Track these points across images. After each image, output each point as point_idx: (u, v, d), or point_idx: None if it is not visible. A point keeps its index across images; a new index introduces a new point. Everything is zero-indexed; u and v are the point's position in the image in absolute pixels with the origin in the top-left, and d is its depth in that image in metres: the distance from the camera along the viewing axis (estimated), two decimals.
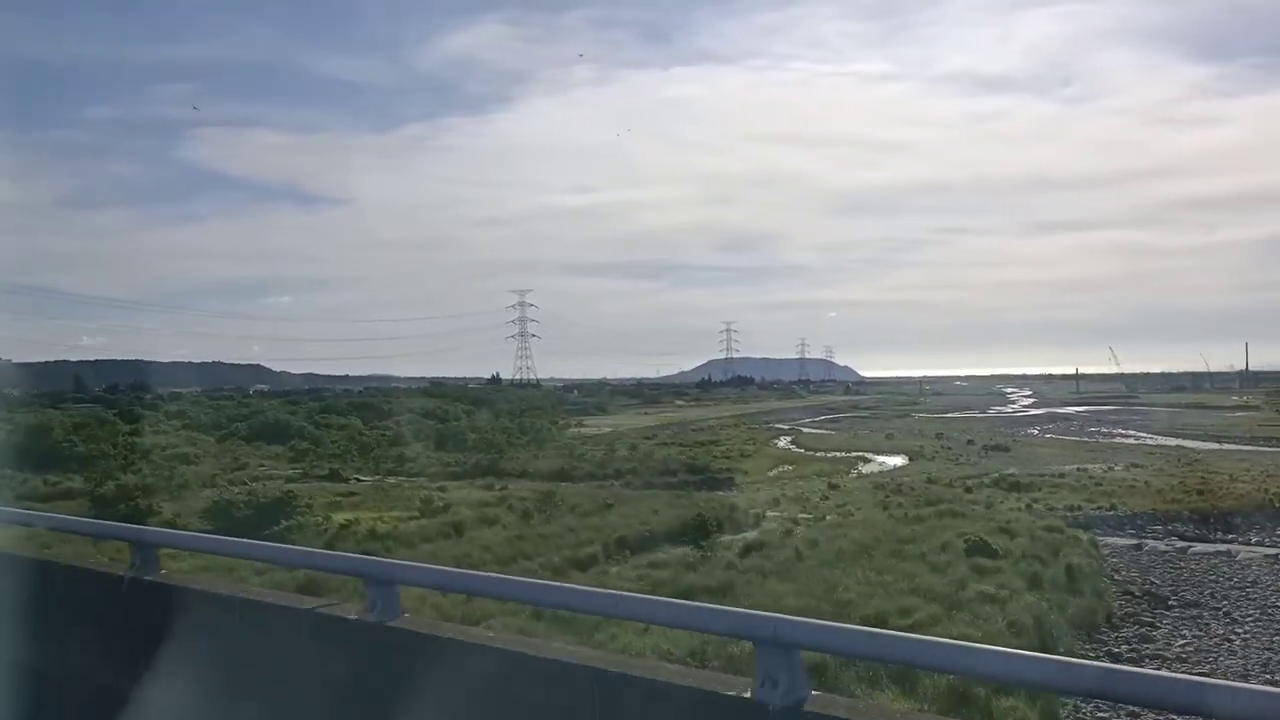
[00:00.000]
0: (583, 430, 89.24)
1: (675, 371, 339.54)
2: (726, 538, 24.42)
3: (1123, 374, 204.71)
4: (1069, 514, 31.28)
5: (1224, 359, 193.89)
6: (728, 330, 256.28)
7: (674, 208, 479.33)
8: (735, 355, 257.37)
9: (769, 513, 31.59)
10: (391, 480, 43.36)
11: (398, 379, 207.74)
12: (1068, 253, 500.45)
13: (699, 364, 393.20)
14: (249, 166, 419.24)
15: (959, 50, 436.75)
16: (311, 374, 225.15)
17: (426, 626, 6.06)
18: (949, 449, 71.11)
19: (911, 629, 13.18)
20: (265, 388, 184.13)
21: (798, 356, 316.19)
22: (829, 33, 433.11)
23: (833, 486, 47.98)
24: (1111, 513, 32.29)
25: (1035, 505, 33.84)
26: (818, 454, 71.64)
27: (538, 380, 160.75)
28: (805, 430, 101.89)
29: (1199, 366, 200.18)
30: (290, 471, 49.35)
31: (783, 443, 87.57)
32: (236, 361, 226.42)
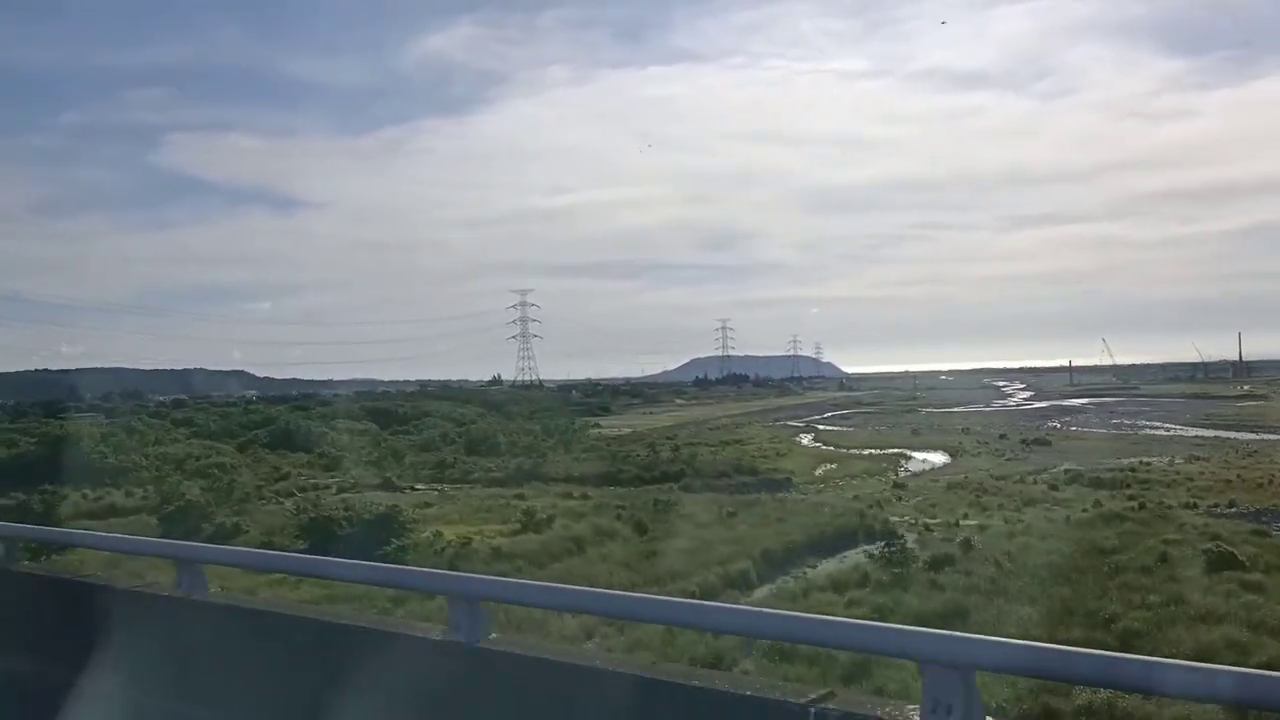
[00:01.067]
0: (602, 431, 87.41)
1: (660, 371, 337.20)
2: (866, 548, 22.79)
3: (1116, 366, 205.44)
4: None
5: (1205, 349, 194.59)
6: (723, 328, 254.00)
7: (653, 207, 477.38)
8: (731, 353, 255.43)
9: (891, 517, 29.91)
10: (450, 488, 41.48)
11: (383, 383, 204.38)
12: (1046, 246, 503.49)
13: (684, 362, 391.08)
14: (225, 171, 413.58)
15: (936, 47, 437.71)
16: (294, 379, 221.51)
17: (519, 647, 5.78)
18: (985, 444, 70.07)
19: None
20: (254, 394, 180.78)
21: (784, 354, 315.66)
22: (807, 30, 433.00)
23: (898, 486, 46.61)
24: (1233, 509, 30.95)
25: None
26: (853, 452, 70.29)
27: (540, 381, 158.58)
28: (822, 428, 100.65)
29: (1187, 357, 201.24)
30: (333, 480, 47.40)
31: (806, 440, 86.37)
32: (219, 368, 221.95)
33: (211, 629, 6.79)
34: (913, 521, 29.10)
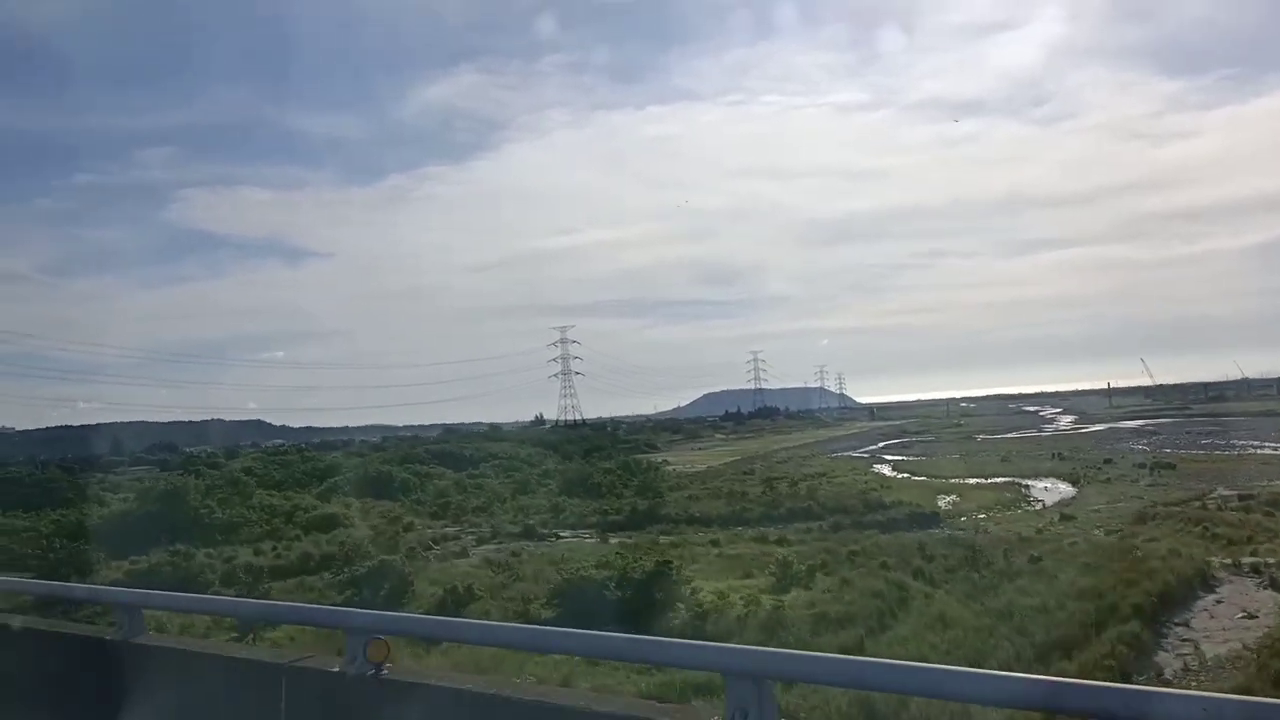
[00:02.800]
0: (672, 469, 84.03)
1: (673, 407, 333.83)
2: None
3: (1151, 386, 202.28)
4: None
5: (1221, 368, 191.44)
6: (755, 360, 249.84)
7: (654, 245, 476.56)
8: (763, 385, 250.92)
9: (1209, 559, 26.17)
10: (594, 534, 38.05)
11: (398, 428, 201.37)
12: (1051, 271, 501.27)
13: (696, 397, 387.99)
14: (235, 225, 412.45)
15: (931, 77, 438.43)
16: (309, 426, 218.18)
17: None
18: (1096, 470, 66.76)
19: None
20: (281, 442, 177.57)
21: (795, 386, 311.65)
22: (802, 65, 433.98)
23: (1065, 519, 43.19)
24: None
25: None
26: (961, 482, 66.77)
27: (583, 419, 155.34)
28: (892, 458, 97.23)
29: (1220, 375, 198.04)
30: (457, 529, 44.04)
31: (887, 471, 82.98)
32: (236, 418, 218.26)
33: None
34: (1232, 563, 25.54)
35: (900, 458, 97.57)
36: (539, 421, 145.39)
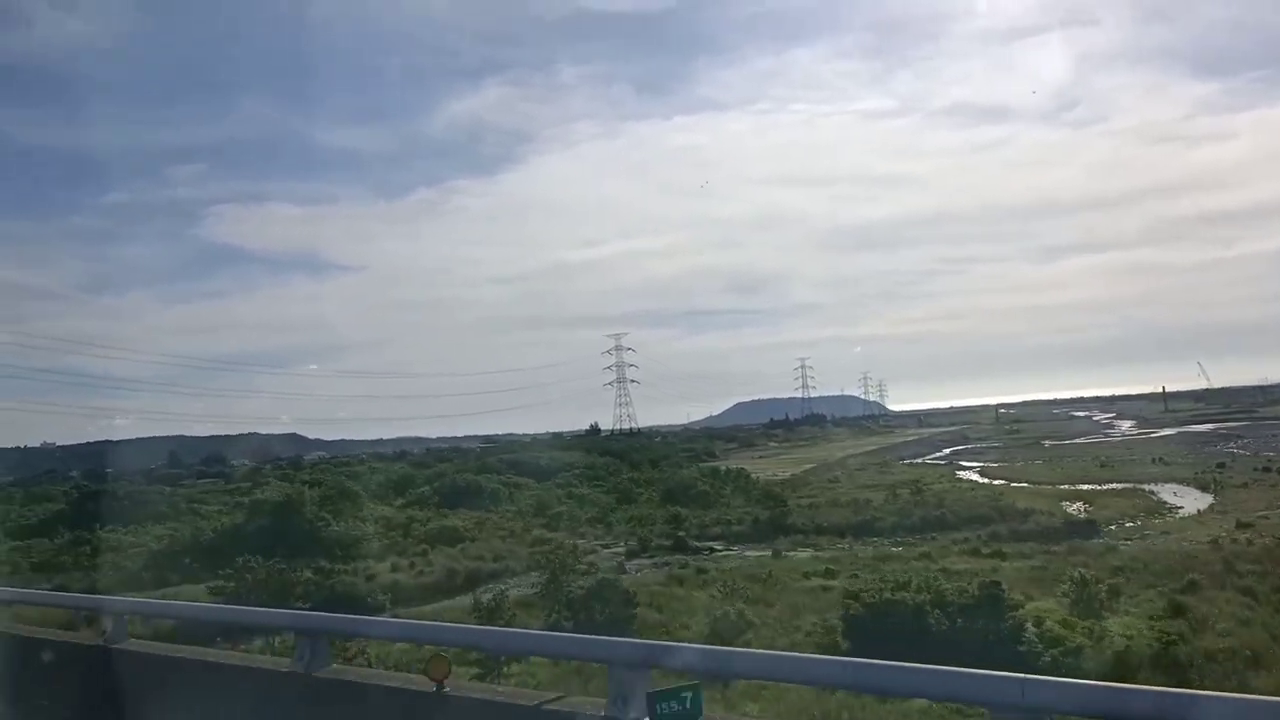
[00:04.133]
0: (757, 477, 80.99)
1: (704, 416, 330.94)
2: None
3: (1208, 390, 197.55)
4: None
5: (1257, 372, 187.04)
6: (802, 366, 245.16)
7: (682, 255, 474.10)
8: (800, 393, 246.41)
9: None
10: (751, 549, 35.18)
11: (430, 440, 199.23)
12: (1082, 275, 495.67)
13: (728, 406, 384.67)
14: (265, 240, 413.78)
15: (958, 82, 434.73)
16: (343, 439, 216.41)
17: None
18: (1214, 474, 63.30)
19: None
20: (322, 454, 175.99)
21: (830, 394, 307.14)
22: (827, 73, 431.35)
23: (1242, 525, 39.97)
24: None
25: None
26: (1087, 488, 63.11)
27: (638, 428, 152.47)
28: (972, 463, 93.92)
29: (1259, 379, 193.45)
30: (587, 542, 41.27)
31: (977, 477, 79.81)
32: (272, 431, 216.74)
33: None
34: None
35: (980, 463, 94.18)
36: (594, 430, 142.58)
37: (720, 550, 38.34)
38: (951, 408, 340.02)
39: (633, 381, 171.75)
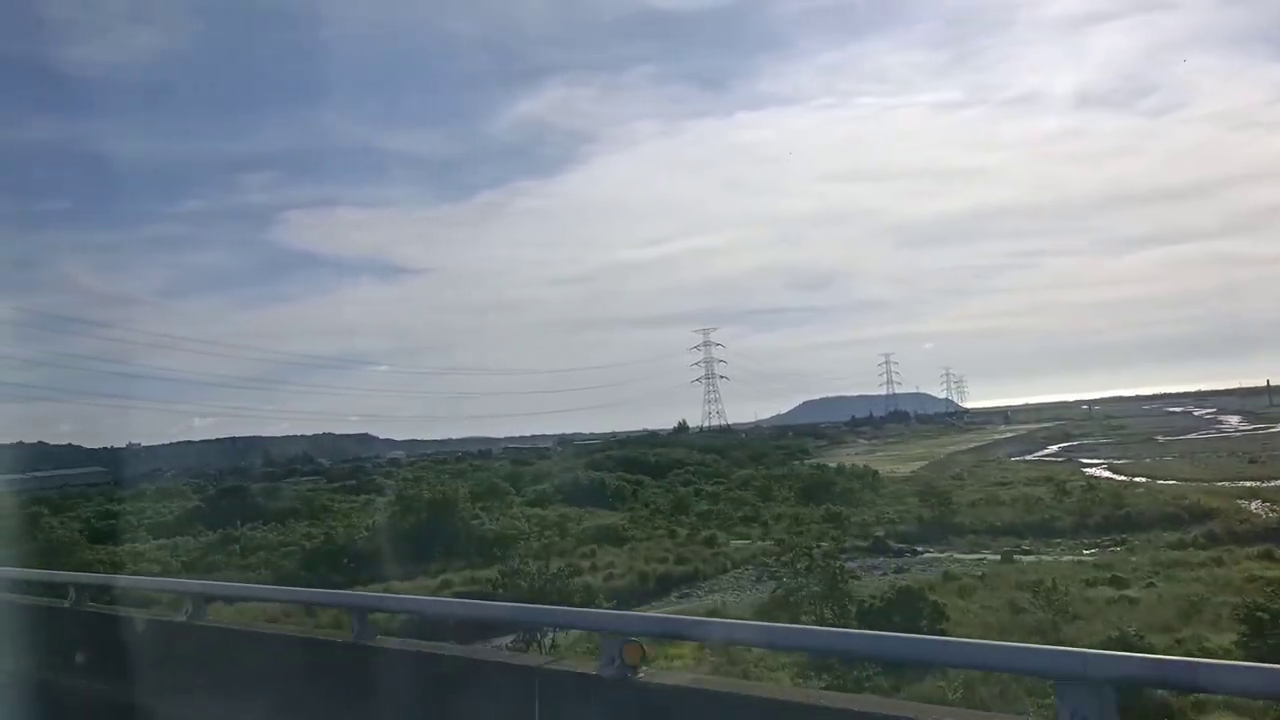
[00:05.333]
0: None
1: (771, 415, 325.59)
2: None
3: None
4: None
5: None
6: (887, 362, 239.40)
7: (746, 252, 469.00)
8: (896, 390, 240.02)
9: None
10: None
11: (496, 439, 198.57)
12: (1159, 268, 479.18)
13: (795, 405, 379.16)
14: (333, 244, 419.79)
15: (1030, 71, 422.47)
16: (413, 439, 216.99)
17: None
18: None
19: None
20: (402, 453, 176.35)
21: (907, 391, 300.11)
22: (894, 65, 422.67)
23: None
24: None
25: None
26: (1239, 485, 58.67)
27: (728, 424, 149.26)
28: (1097, 459, 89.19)
29: None
30: (766, 543, 38.39)
31: (1105, 473, 75.36)
32: (345, 432, 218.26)
33: None
34: None
35: (1101, 460, 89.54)
36: (682, 428, 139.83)
37: (923, 552, 35.19)
38: (1025, 405, 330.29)
39: (721, 378, 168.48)
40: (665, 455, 80.00)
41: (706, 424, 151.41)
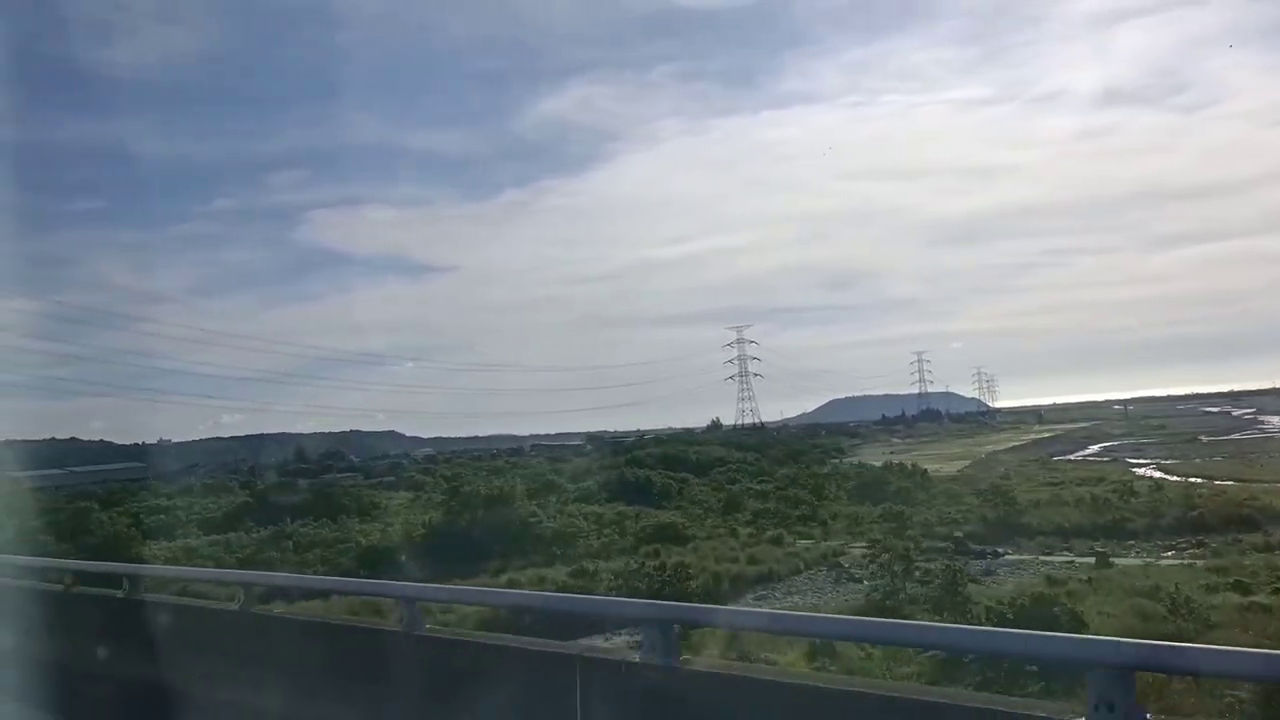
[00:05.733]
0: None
1: (798, 413, 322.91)
2: None
3: None
4: None
5: None
6: (919, 361, 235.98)
7: (771, 251, 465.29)
8: (929, 389, 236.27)
9: None
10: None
11: (523, 438, 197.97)
12: (1195, 266, 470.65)
13: (821, 404, 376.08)
14: (360, 243, 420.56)
15: (1061, 67, 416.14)
16: (439, 436, 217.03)
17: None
18: None
19: None
20: (430, 450, 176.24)
21: (958, 391, 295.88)
22: (922, 62, 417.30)
23: None
24: None
25: None
26: None
27: (762, 423, 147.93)
28: (1144, 459, 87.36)
29: None
30: (832, 542, 37.32)
31: (1155, 473, 73.63)
32: (372, 429, 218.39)
33: None
34: None
35: (1148, 460, 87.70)
36: (715, 426, 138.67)
37: (1005, 553, 33.92)
38: (1055, 404, 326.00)
39: (756, 375, 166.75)
40: (705, 453, 78.89)
41: (740, 422, 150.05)
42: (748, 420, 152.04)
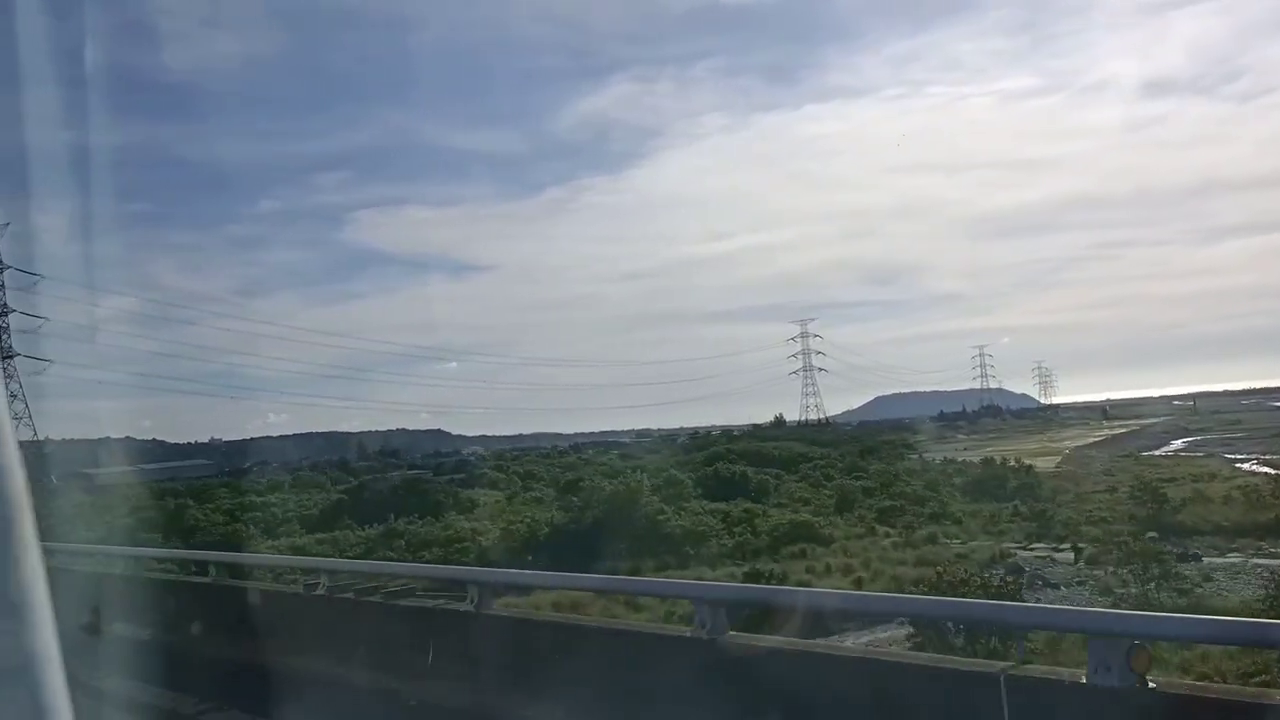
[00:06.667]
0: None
1: (843, 410, 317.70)
2: None
3: None
4: None
5: None
6: (981, 355, 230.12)
7: (814, 247, 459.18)
8: (991, 385, 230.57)
9: None
10: None
11: (566, 435, 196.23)
12: (1250, 258, 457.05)
13: (868, 400, 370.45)
14: (403, 242, 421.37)
15: (1111, 56, 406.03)
16: (484, 435, 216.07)
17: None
18: None
19: None
20: (479, 449, 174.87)
21: (967, 387, 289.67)
22: (968, 53, 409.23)
23: None
24: None
25: None
26: None
27: (827, 418, 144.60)
28: (1243, 455, 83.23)
29: None
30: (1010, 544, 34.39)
31: (1260, 469, 69.71)
32: (419, 428, 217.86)
33: None
34: None
35: (1247, 455, 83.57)
36: (779, 422, 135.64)
37: (1200, 555, 30.78)
38: (1105, 401, 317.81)
39: (821, 370, 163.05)
40: (785, 448, 76.02)
41: (805, 418, 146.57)
42: (812, 416, 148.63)
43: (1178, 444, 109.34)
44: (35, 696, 1.28)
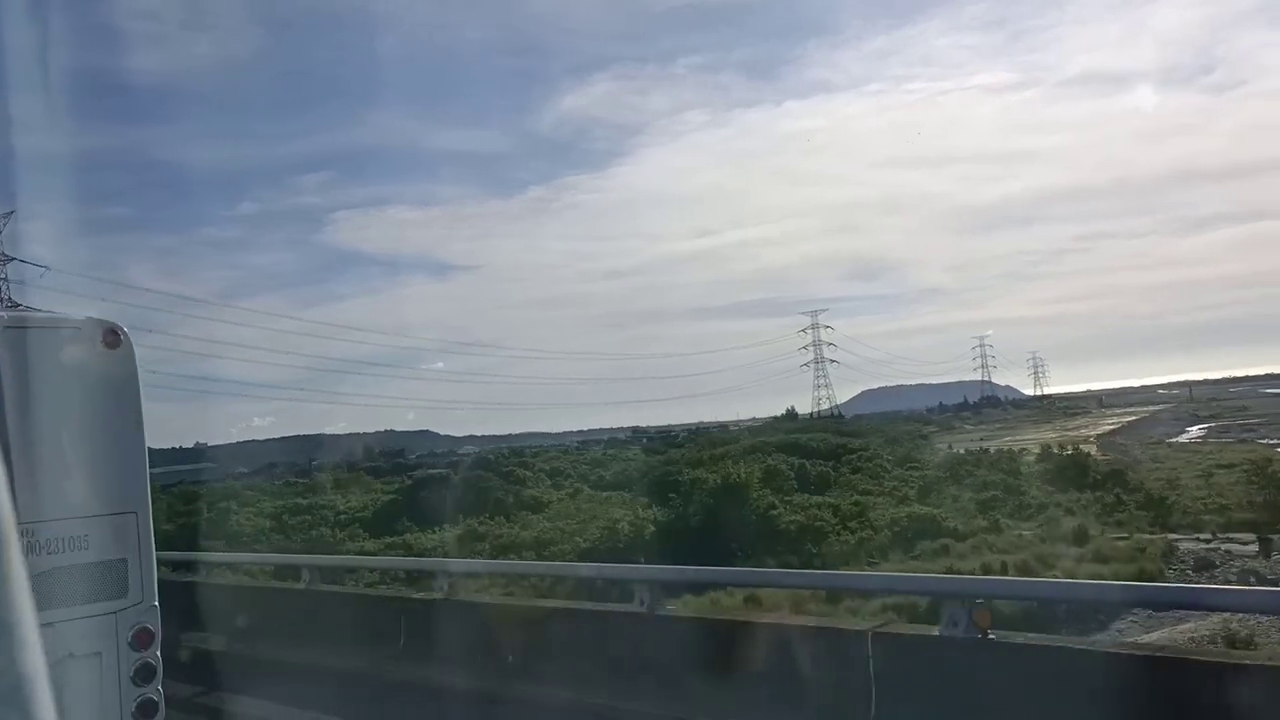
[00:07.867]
0: None
1: (829, 405, 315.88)
2: None
3: None
4: None
5: None
6: (981, 346, 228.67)
7: (798, 242, 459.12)
8: (968, 378, 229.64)
9: None
10: None
11: (551, 434, 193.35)
12: (1230, 248, 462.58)
13: (855, 394, 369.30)
14: (385, 243, 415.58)
15: (1086, 50, 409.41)
16: (470, 435, 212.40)
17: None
18: None
19: None
20: (474, 449, 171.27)
21: (958, 380, 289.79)
22: (944, 48, 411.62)
23: None
24: None
25: None
26: None
27: (839, 411, 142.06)
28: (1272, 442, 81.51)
29: None
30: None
31: None
32: (406, 429, 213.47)
33: None
34: None
35: (1276, 440, 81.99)
36: (791, 415, 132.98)
37: None
38: (1088, 391, 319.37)
39: (832, 361, 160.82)
40: (822, 440, 73.13)
41: (816, 410, 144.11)
42: (824, 408, 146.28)
43: (1195, 430, 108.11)
44: (25, 717, 1.25)
